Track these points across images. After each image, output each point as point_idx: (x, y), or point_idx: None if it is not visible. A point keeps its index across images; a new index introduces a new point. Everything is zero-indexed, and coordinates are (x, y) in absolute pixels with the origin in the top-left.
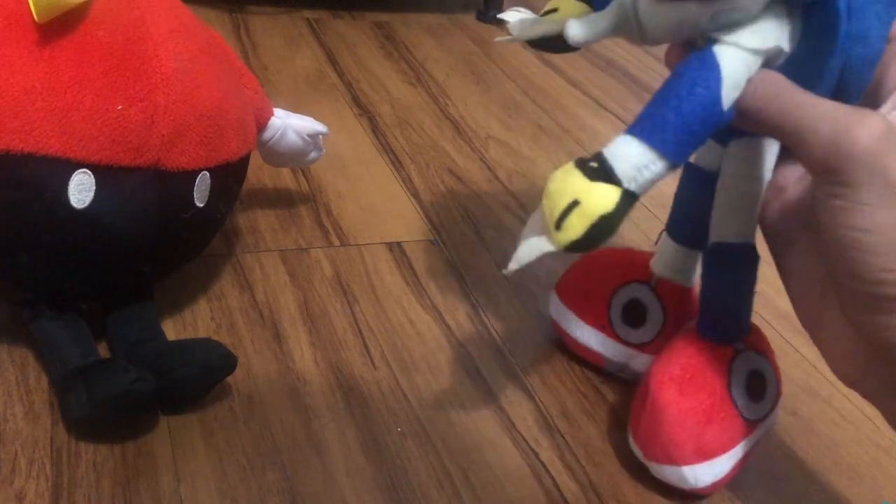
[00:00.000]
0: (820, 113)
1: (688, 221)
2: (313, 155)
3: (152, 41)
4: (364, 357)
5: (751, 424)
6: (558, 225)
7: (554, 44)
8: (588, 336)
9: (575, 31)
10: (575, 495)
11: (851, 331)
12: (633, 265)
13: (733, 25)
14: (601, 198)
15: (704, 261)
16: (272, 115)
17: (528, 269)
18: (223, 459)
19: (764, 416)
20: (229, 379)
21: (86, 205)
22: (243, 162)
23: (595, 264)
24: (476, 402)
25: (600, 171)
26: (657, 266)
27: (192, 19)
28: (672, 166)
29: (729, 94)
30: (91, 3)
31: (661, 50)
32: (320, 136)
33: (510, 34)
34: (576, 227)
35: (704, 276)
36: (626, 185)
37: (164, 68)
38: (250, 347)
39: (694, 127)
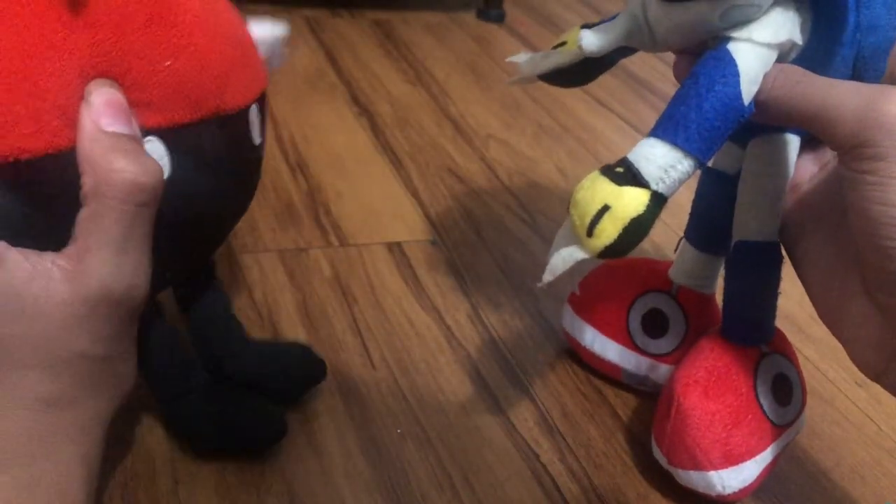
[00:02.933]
0: (844, 91)
1: (707, 226)
2: (274, 63)
3: None
4: (363, 358)
5: (778, 429)
6: (590, 231)
7: (566, 76)
8: (605, 348)
9: (589, 40)
10: (576, 497)
11: (878, 318)
12: (651, 274)
13: (744, 22)
14: (632, 200)
15: (728, 260)
16: None
17: (529, 269)
18: (221, 461)
19: (791, 420)
20: None
21: (166, 175)
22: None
23: (611, 274)
24: (476, 403)
25: (627, 174)
26: (677, 274)
27: None
28: (698, 164)
29: (748, 88)
30: None
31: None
32: (279, 42)
33: (521, 74)
34: (609, 231)
35: (728, 276)
36: (654, 186)
37: (191, 5)
38: None
39: (716, 123)
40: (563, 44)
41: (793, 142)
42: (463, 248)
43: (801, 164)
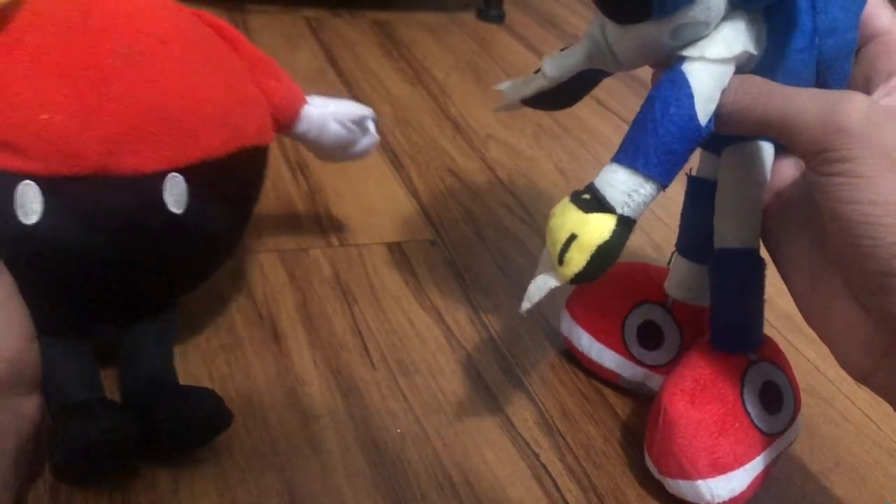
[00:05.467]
0: (804, 98)
1: (698, 236)
2: (365, 142)
3: (90, 33)
4: (363, 358)
5: (768, 438)
6: (560, 260)
7: (549, 98)
8: (602, 355)
9: (549, 67)
10: (575, 497)
11: (863, 320)
12: (647, 283)
13: (696, 39)
14: (597, 227)
15: (710, 269)
16: (304, 103)
17: (529, 269)
18: (222, 461)
19: (782, 429)
20: (228, 379)
21: (36, 220)
22: (237, 160)
23: (607, 283)
24: (476, 403)
25: (593, 201)
26: (672, 288)
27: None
28: (661, 186)
29: (703, 107)
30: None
31: None
32: (370, 121)
33: (505, 100)
34: (577, 259)
35: (711, 284)
36: (619, 210)
37: (101, 64)
38: (249, 348)
39: (673, 146)
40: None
41: (766, 149)
42: (463, 248)
43: (782, 169)
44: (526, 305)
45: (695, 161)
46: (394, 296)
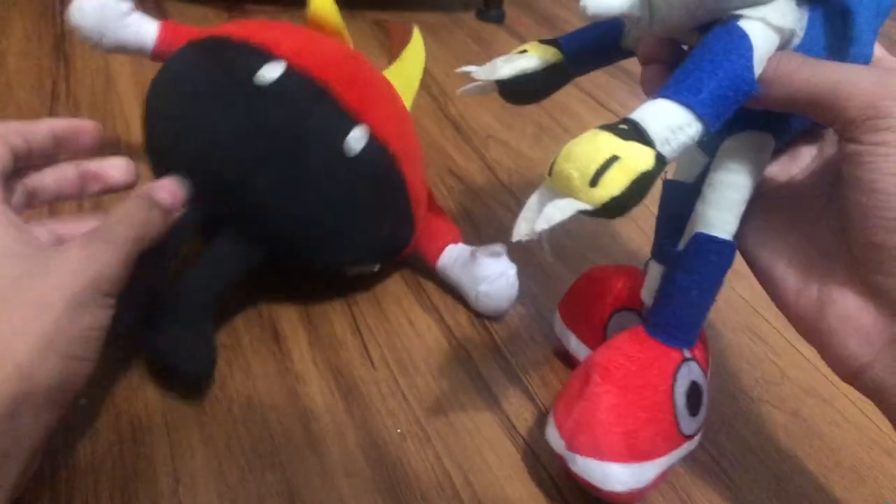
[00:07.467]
0: (856, 68)
1: (676, 239)
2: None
3: None
4: (363, 358)
5: (682, 438)
6: (595, 181)
7: (525, 86)
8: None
9: (595, 3)
10: (575, 497)
11: (866, 307)
12: (625, 290)
13: (752, 4)
14: (641, 155)
15: (680, 254)
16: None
17: (528, 271)
18: (222, 461)
19: (693, 433)
20: (228, 379)
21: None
22: None
23: (589, 286)
24: (476, 402)
25: (632, 132)
26: (647, 296)
27: None
28: (705, 132)
29: (757, 65)
30: None
31: None
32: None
33: (475, 81)
34: (618, 181)
35: (677, 268)
36: (658, 147)
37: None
38: (249, 348)
39: (729, 92)
40: (523, 52)
41: (764, 149)
42: None
43: (771, 170)
44: (542, 225)
45: (671, 166)
46: (394, 296)
